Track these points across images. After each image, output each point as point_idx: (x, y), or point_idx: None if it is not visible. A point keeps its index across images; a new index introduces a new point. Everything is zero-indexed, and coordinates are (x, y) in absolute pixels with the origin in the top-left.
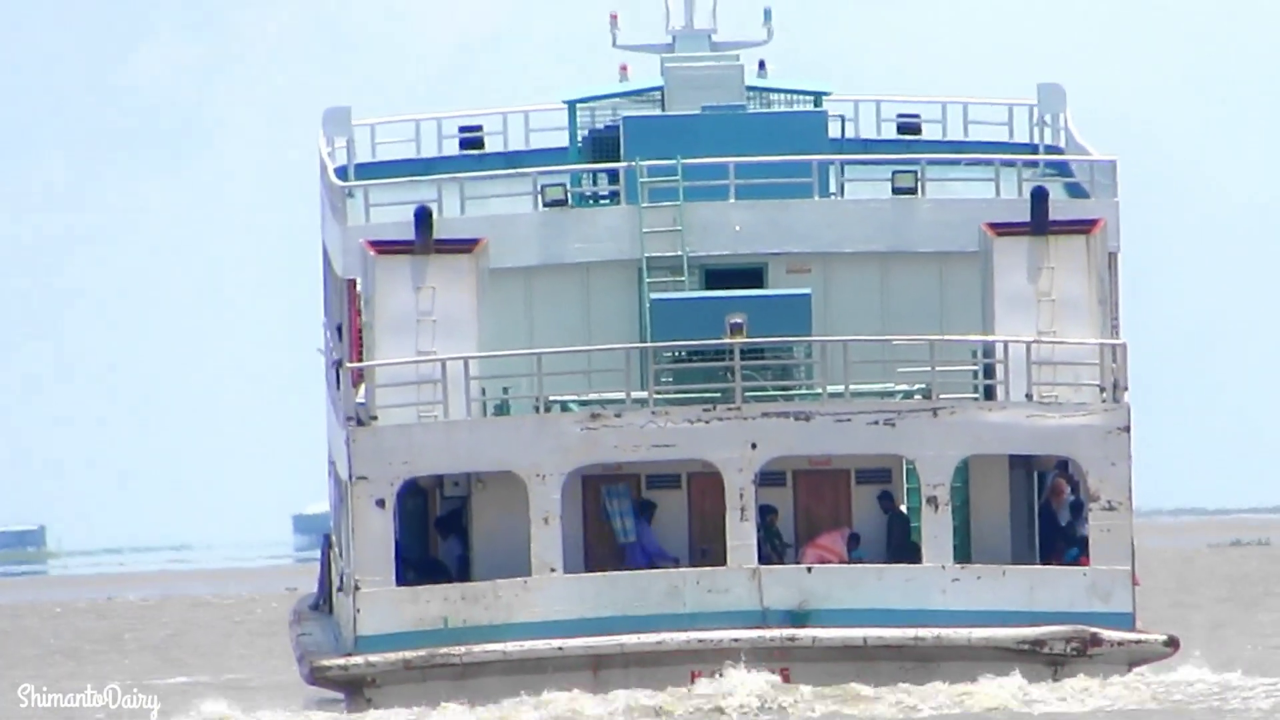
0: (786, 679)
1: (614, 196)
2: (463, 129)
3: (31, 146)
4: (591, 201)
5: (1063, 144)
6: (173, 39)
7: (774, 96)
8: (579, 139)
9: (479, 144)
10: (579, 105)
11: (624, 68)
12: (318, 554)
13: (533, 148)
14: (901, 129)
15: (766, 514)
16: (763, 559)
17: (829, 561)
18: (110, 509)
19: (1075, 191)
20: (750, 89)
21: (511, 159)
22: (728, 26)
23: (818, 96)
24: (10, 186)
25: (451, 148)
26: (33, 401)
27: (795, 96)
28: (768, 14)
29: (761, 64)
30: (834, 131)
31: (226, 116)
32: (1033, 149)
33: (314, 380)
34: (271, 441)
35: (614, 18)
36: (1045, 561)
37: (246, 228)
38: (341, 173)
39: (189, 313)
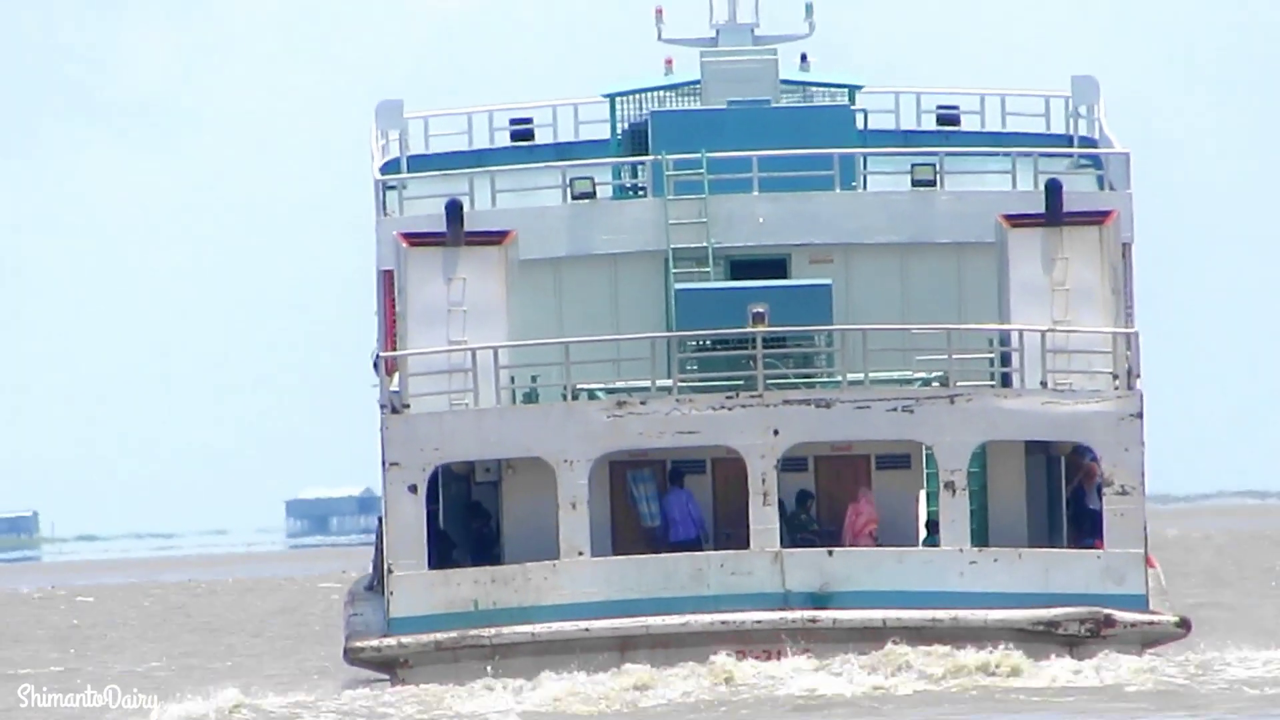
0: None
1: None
2: (513, 121)
3: (25, 125)
4: (631, 193)
5: (1097, 135)
6: (161, 24)
7: (809, 90)
8: (619, 131)
9: (529, 136)
10: (620, 98)
11: (669, 61)
12: (313, 539)
13: (581, 139)
14: (941, 120)
15: (805, 500)
16: (801, 543)
17: (869, 522)
18: (103, 494)
19: (1105, 183)
20: (785, 82)
21: (560, 150)
22: (770, 21)
23: (852, 90)
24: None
25: (502, 140)
26: (26, 388)
27: (830, 90)
28: (809, 8)
29: (804, 57)
30: (861, 124)
31: (221, 102)
32: (1068, 140)
33: (309, 368)
34: (265, 428)
35: (659, 12)
36: (1077, 545)
37: (240, 217)
38: (394, 165)
39: (184, 299)
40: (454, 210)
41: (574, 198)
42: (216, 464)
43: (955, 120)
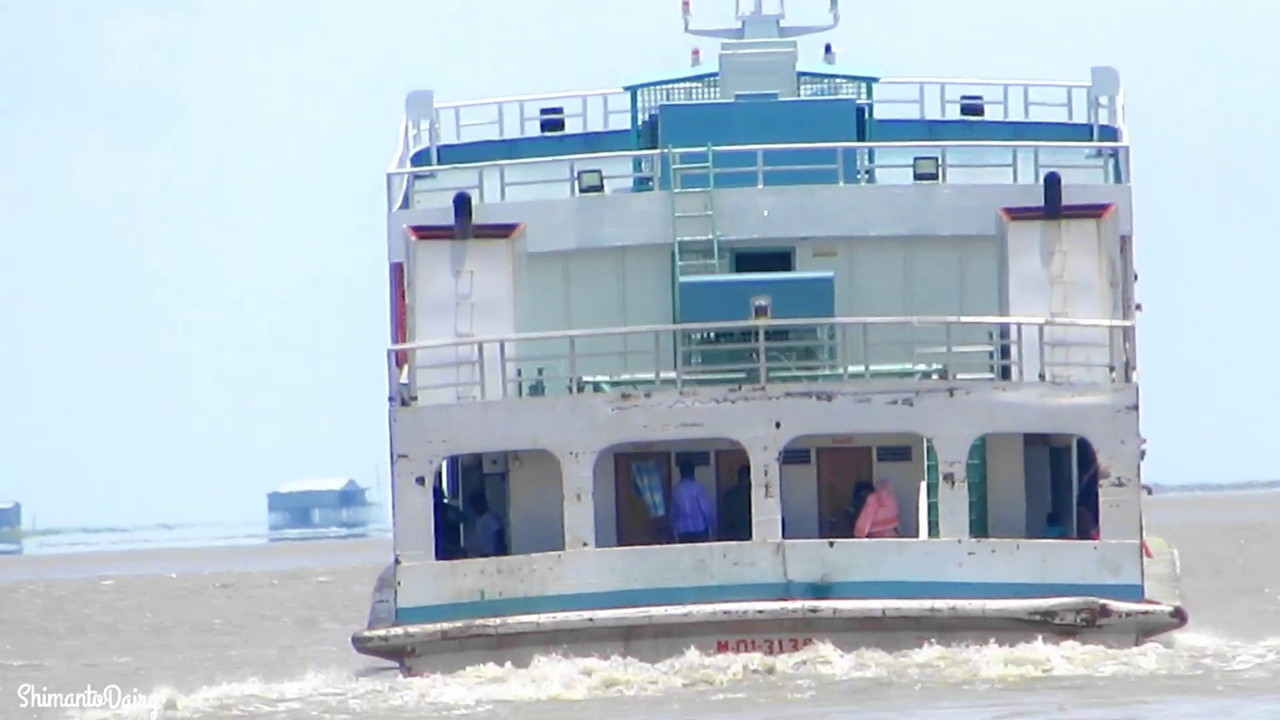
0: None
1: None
2: (543, 111)
3: (7, 117)
4: (651, 185)
5: (1118, 125)
6: (143, 16)
7: (828, 81)
8: (640, 123)
9: (559, 126)
10: (641, 89)
11: (696, 52)
12: (295, 532)
13: (612, 129)
14: (965, 110)
15: (862, 491)
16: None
17: (890, 520)
18: (84, 486)
19: (1120, 175)
20: (803, 74)
21: (589, 141)
22: (796, 12)
23: (869, 82)
24: None
25: (532, 130)
26: (7, 380)
27: (846, 82)
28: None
29: (828, 48)
30: (868, 116)
31: (215, 91)
32: (1088, 130)
33: (292, 360)
34: (247, 420)
35: (686, 4)
36: (1090, 534)
37: (227, 210)
38: (424, 155)
39: (166, 291)
40: (462, 204)
41: (581, 191)
42: (198, 456)
43: (979, 110)
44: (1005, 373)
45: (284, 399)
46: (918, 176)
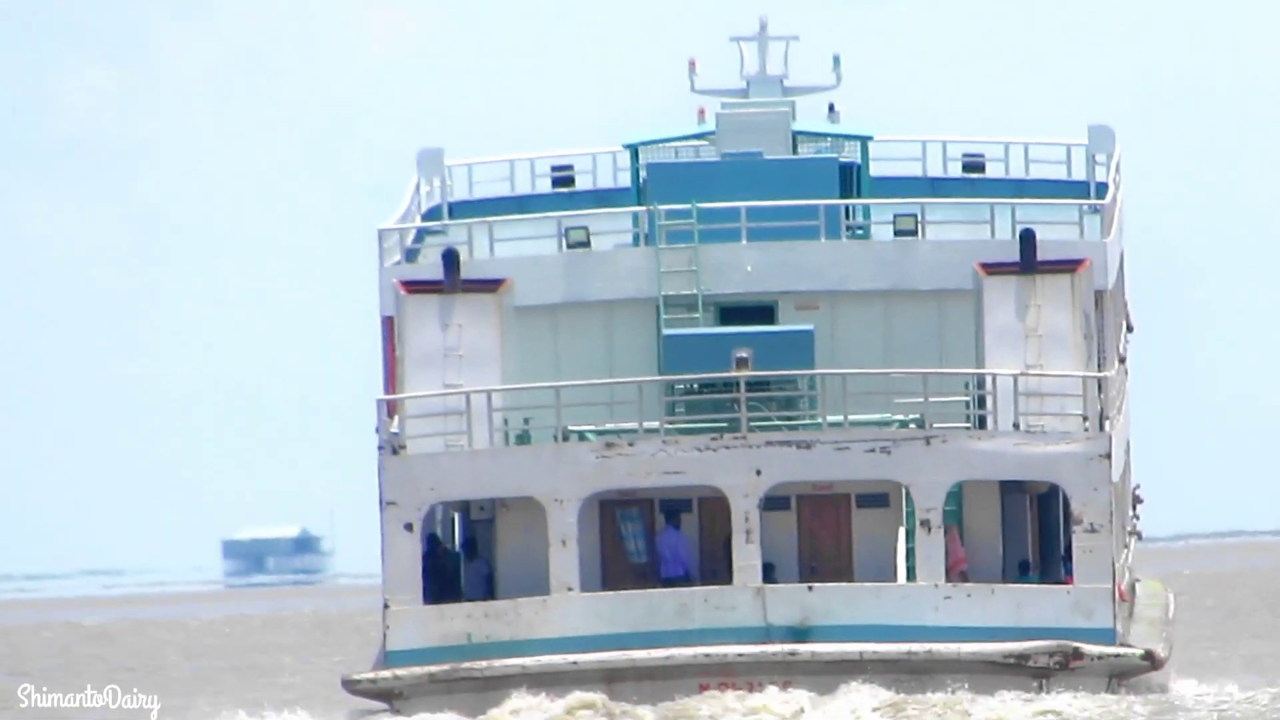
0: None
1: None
2: (554, 168)
3: None
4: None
5: (1109, 181)
6: (94, 65)
7: (824, 140)
8: (641, 180)
9: (569, 182)
10: (642, 147)
11: (701, 111)
12: (249, 580)
13: (620, 185)
14: (967, 167)
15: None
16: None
17: (957, 562)
18: (39, 533)
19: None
20: (800, 133)
21: (599, 197)
22: (800, 72)
23: (864, 141)
24: None
25: (543, 186)
26: None
27: (841, 140)
28: (836, 60)
29: (831, 107)
30: (853, 175)
31: (151, 144)
32: (1085, 187)
33: (246, 408)
34: (200, 468)
35: (692, 64)
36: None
37: (168, 259)
38: (435, 211)
39: (114, 339)
40: (450, 259)
41: (569, 246)
42: (149, 504)
43: (980, 167)
44: (981, 422)
45: (237, 447)
46: (897, 233)
